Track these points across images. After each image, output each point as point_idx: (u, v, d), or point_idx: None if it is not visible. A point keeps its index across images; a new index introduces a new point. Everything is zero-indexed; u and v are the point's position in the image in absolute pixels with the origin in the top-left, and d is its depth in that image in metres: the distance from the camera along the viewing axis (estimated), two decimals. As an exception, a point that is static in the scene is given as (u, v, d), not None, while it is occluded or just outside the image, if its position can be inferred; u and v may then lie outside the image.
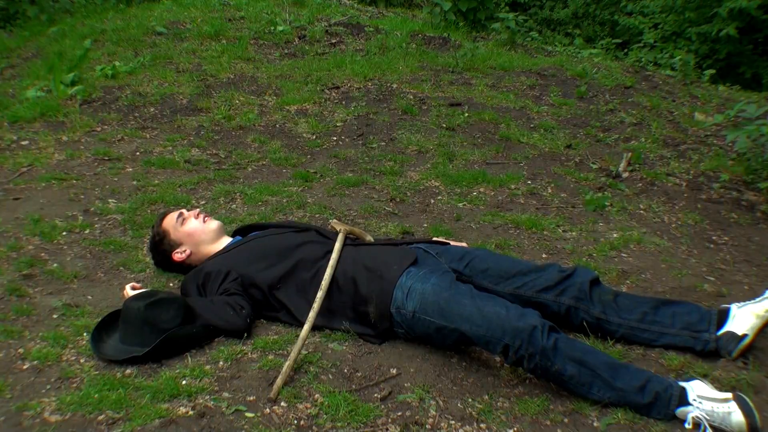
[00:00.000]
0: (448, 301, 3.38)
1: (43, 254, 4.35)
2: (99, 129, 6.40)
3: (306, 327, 3.41)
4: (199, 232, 4.06)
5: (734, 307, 3.62)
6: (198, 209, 4.20)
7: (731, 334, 3.54)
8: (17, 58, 8.66)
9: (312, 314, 3.46)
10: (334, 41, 8.89)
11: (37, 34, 9.50)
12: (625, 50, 13.44)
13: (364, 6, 11.84)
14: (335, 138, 6.43)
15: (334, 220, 4.05)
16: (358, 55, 8.37)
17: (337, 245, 3.75)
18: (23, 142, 6.09)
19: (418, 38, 9.10)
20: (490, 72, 8.15)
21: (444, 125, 6.68)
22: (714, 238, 5.03)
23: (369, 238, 4.11)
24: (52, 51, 8.30)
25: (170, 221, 4.10)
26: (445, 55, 8.53)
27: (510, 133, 6.57)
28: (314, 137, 6.44)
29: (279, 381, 3.16)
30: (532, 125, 6.81)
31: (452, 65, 8.22)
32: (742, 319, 3.57)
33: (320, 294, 3.53)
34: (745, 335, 3.53)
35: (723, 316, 3.61)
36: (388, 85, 7.54)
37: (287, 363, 3.23)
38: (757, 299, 3.67)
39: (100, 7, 10.52)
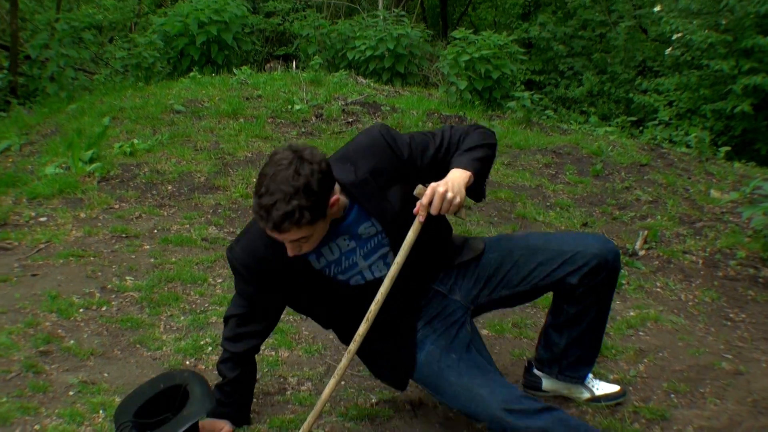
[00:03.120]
0: (438, 376, 3.30)
1: (60, 331, 4.36)
2: (117, 206, 6.45)
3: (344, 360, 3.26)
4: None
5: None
6: None
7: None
8: (36, 135, 8.77)
9: (345, 360, 3.26)
10: (350, 120, 8.98)
11: (57, 111, 9.64)
12: (641, 128, 13.49)
13: (381, 85, 11.96)
14: (351, 215, 6.44)
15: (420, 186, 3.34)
16: (374, 133, 8.42)
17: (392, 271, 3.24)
18: (41, 219, 6.13)
19: (434, 117, 9.17)
20: (506, 150, 8.20)
21: (460, 203, 6.69)
22: (731, 315, 5.00)
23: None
24: (71, 128, 8.39)
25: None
26: (461, 133, 8.57)
27: (526, 211, 6.59)
28: (330, 214, 6.45)
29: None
30: (548, 203, 6.83)
31: (468, 143, 8.26)
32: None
33: (360, 334, 3.25)
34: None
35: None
36: (404, 162, 7.58)
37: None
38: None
39: (119, 84, 10.69)
